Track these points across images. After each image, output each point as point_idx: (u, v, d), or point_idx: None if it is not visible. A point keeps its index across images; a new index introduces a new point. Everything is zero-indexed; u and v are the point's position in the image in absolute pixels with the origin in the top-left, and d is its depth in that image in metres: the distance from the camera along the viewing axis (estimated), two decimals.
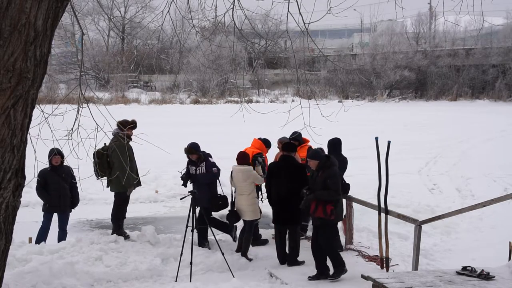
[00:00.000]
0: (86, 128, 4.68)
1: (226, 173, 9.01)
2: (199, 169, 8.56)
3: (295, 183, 7.99)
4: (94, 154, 7.78)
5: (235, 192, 8.61)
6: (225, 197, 8.69)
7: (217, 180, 8.73)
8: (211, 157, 8.76)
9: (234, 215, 8.55)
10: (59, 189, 8.58)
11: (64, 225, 8.77)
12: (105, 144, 8.20)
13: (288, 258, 8.18)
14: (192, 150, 8.48)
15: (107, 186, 8.95)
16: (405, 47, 53.36)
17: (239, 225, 8.89)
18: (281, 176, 8.06)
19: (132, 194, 9.32)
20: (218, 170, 8.65)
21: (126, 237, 8.67)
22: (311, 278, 7.56)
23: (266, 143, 9.47)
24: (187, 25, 33.87)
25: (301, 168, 8.31)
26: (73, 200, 8.76)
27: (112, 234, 8.67)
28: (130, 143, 8.56)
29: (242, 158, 8.45)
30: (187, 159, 8.75)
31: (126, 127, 8.11)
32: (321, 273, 7.57)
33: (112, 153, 8.26)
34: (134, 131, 8.52)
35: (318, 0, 5.67)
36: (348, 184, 8.93)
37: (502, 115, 33.77)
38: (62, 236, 8.66)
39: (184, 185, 8.70)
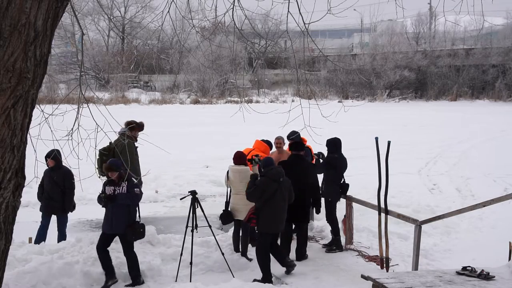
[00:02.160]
0: (86, 128, 4.68)
1: (224, 173, 8.99)
2: (119, 189, 7.38)
3: (305, 182, 8.14)
4: (99, 151, 7.77)
5: (230, 192, 8.61)
6: (143, 225, 7.66)
7: (138, 205, 7.67)
8: (136, 178, 7.84)
9: (228, 216, 8.52)
10: (48, 191, 8.61)
11: (62, 228, 8.73)
12: (110, 143, 8.16)
13: (298, 254, 8.37)
14: (113, 167, 7.37)
15: None
16: (405, 47, 53.37)
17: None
18: (292, 175, 8.04)
19: None
20: (141, 193, 7.65)
21: None
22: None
23: (269, 145, 9.49)
24: (187, 25, 33.89)
25: (311, 166, 8.35)
26: (63, 205, 8.62)
27: None
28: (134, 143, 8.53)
29: (239, 158, 8.44)
30: (106, 179, 7.65)
31: (134, 127, 8.10)
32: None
33: (122, 151, 8.13)
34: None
35: (318, 0, 5.66)
36: (348, 184, 8.96)
37: (502, 115, 33.78)
38: (60, 238, 8.65)
39: (105, 206, 7.51)
